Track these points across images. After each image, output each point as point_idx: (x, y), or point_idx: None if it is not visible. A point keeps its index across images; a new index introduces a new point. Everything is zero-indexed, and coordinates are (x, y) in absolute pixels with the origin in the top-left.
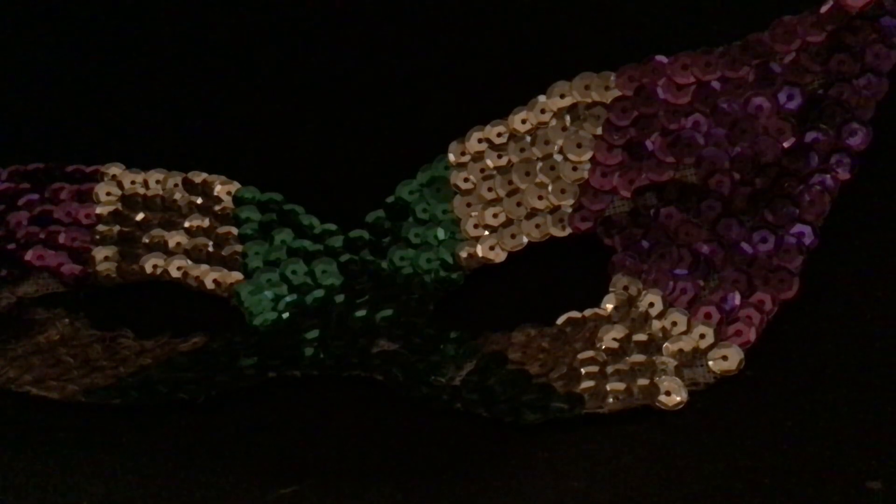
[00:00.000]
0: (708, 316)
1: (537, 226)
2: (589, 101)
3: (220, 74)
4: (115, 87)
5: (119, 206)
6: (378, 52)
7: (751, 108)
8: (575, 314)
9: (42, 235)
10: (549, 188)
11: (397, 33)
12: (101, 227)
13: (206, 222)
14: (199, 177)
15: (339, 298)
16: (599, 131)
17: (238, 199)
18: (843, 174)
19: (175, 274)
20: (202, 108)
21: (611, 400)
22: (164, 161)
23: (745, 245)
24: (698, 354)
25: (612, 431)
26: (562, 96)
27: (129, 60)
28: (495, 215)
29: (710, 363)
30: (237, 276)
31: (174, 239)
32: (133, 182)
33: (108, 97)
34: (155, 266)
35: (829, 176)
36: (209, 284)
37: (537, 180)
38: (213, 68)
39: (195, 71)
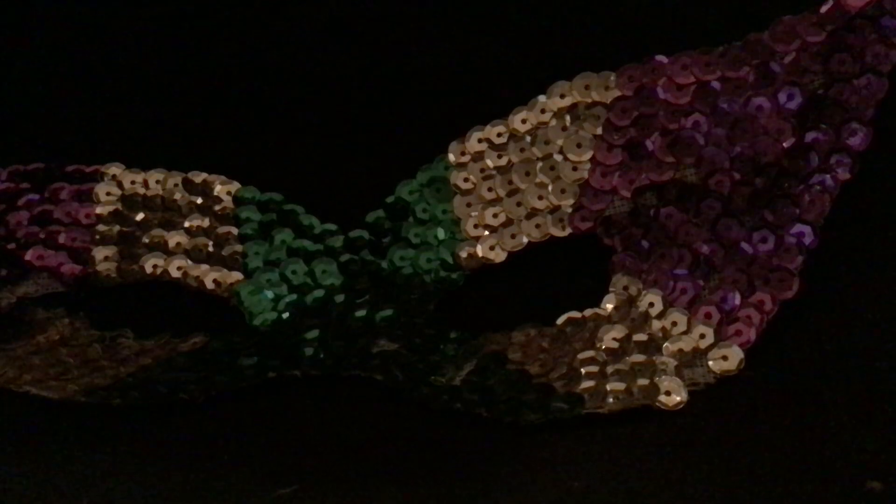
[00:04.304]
0: (708, 316)
1: (537, 226)
2: (589, 101)
3: (219, 75)
4: (114, 86)
5: (119, 206)
6: (378, 52)
7: (751, 108)
8: (575, 314)
9: (42, 235)
10: (549, 188)
11: (398, 33)
12: (101, 227)
13: (206, 222)
14: (199, 177)
15: (339, 298)
16: (599, 131)
17: (238, 199)
18: (843, 174)
19: (175, 274)
20: (202, 108)
21: (611, 400)
22: (164, 161)
23: (745, 245)
24: (698, 354)
25: (612, 431)
26: (562, 96)
27: (129, 60)
28: (495, 215)
29: (710, 363)
30: (237, 276)
31: (174, 239)
32: (133, 182)
33: (108, 97)
34: (155, 266)
35: (829, 176)
36: (209, 284)
37: (537, 180)
38: (213, 68)
39: (195, 71)
